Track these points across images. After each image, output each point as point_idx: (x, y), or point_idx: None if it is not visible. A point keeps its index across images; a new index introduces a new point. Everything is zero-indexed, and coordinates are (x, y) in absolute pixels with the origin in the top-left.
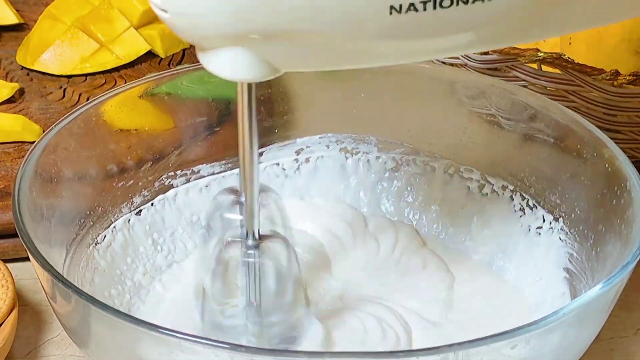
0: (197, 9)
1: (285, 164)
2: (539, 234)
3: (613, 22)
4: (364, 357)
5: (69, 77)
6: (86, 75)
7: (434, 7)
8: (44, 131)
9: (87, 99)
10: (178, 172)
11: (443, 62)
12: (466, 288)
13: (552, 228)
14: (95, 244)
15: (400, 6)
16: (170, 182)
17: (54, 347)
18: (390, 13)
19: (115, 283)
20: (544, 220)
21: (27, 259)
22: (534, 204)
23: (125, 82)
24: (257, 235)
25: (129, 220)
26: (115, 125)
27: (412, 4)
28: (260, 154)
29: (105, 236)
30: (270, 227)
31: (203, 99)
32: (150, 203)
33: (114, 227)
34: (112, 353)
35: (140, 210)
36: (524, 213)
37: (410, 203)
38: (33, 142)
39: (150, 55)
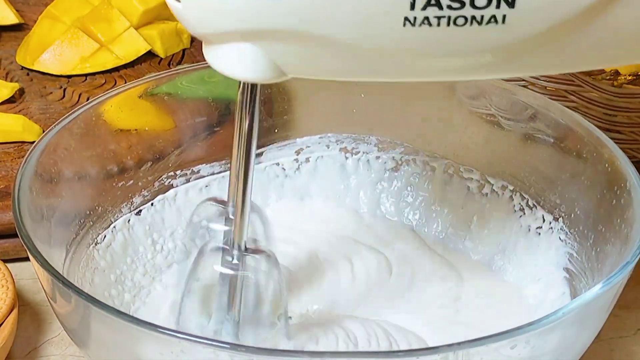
0: (213, 1)
1: (285, 164)
2: (539, 234)
3: (618, 64)
4: (364, 357)
5: (69, 77)
6: (86, 75)
7: (448, 24)
8: (44, 131)
9: (87, 99)
10: (178, 172)
11: None
12: (466, 288)
13: (552, 228)
14: (95, 244)
15: (415, 19)
16: (170, 182)
17: (54, 347)
18: (404, 25)
19: (115, 283)
20: (543, 220)
21: (27, 259)
22: (533, 204)
23: (125, 82)
24: (243, 247)
25: (129, 220)
26: (115, 125)
27: (426, 18)
28: (260, 154)
29: (105, 236)
30: (255, 241)
31: (203, 99)
32: (150, 203)
33: (114, 227)
34: (112, 353)
35: (140, 210)
36: (524, 213)
37: (410, 203)
38: (33, 142)
39: (150, 55)
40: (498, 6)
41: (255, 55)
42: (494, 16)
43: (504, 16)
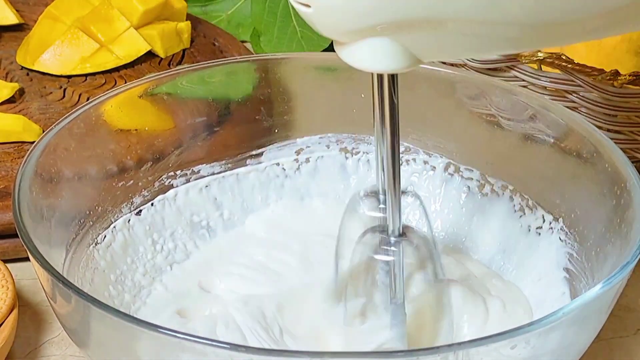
0: (345, 2)
1: (285, 164)
2: (539, 234)
3: None
4: (364, 357)
5: (69, 77)
6: (86, 75)
7: None
8: (44, 131)
9: (87, 99)
10: (178, 172)
11: (443, 62)
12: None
13: (552, 228)
14: (95, 244)
15: None
16: (170, 182)
17: (54, 347)
18: None
19: (116, 283)
20: (543, 220)
21: (27, 259)
22: (533, 204)
23: (125, 82)
24: (400, 231)
25: (129, 220)
26: (115, 125)
27: None
28: (260, 154)
29: (105, 236)
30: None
31: (203, 99)
32: (150, 203)
33: (114, 227)
34: (112, 353)
35: (140, 210)
36: (524, 213)
37: (410, 203)
38: (33, 142)
39: (150, 55)
40: None
41: (390, 47)
42: None
43: None
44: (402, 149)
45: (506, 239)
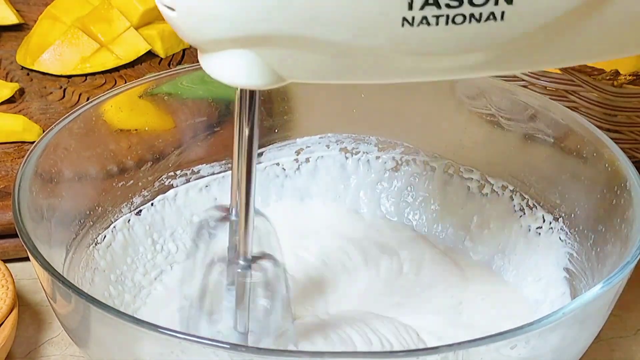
0: (208, 9)
1: (285, 164)
2: (539, 234)
3: (620, 56)
4: (364, 357)
5: (69, 77)
6: (86, 75)
7: (447, 23)
8: (44, 131)
9: (87, 99)
10: (178, 172)
11: None
12: (466, 288)
13: (552, 228)
14: (95, 244)
15: (413, 19)
16: (170, 182)
17: (54, 347)
18: (402, 25)
19: (116, 283)
20: (543, 220)
21: (27, 259)
22: (533, 204)
23: (125, 82)
24: (249, 256)
25: (129, 220)
26: (115, 125)
27: (424, 17)
28: (260, 154)
29: (105, 236)
30: (260, 249)
31: (203, 99)
32: (150, 203)
33: (114, 227)
34: (112, 353)
35: (140, 210)
36: (524, 213)
37: (410, 203)
38: (33, 142)
39: (150, 55)
40: (496, 3)
41: (252, 62)
42: (492, 13)
43: (503, 13)
44: (401, 149)
45: (506, 239)
